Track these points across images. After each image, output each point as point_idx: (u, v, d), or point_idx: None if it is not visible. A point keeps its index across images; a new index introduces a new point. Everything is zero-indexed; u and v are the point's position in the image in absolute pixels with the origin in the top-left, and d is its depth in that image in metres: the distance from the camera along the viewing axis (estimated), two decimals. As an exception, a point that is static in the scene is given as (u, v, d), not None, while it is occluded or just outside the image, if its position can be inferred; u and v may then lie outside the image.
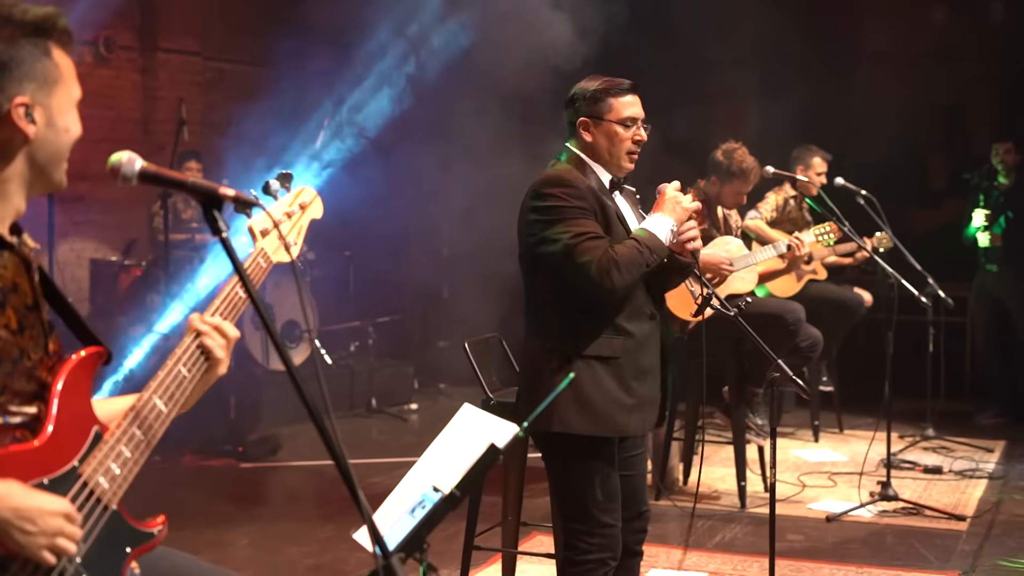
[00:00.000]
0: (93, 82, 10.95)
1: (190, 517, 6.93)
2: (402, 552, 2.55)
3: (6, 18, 2.38)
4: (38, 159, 2.45)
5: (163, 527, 2.62)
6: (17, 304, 2.44)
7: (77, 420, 2.48)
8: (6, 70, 2.37)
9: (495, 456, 2.60)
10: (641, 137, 4.28)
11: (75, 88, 2.51)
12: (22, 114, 2.39)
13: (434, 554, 5.98)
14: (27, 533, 2.26)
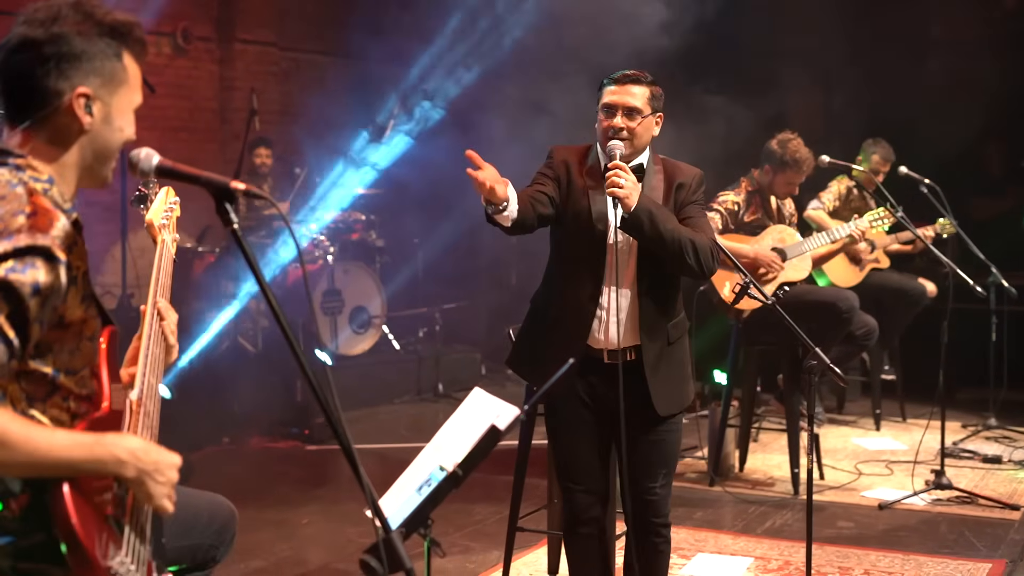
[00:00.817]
0: (171, 73, 11.23)
1: (254, 496, 7.13)
2: (403, 528, 2.68)
3: (88, 15, 2.56)
4: (90, 151, 2.60)
5: None
6: (86, 285, 2.61)
7: (116, 393, 2.72)
8: (77, 61, 2.53)
9: (496, 437, 2.73)
10: (614, 124, 4.38)
11: (137, 95, 2.67)
12: (82, 104, 2.55)
13: (481, 535, 6.17)
14: (159, 483, 2.48)
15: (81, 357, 2.60)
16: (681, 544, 6.15)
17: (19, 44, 2.53)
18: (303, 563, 5.93)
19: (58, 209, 2.47)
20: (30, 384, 2.48)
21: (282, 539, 6.30)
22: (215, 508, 3.26)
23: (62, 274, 2.41)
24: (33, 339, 2.40)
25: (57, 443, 2.36)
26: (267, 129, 11.21)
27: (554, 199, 4.40)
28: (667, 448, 4.56)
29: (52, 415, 2.52)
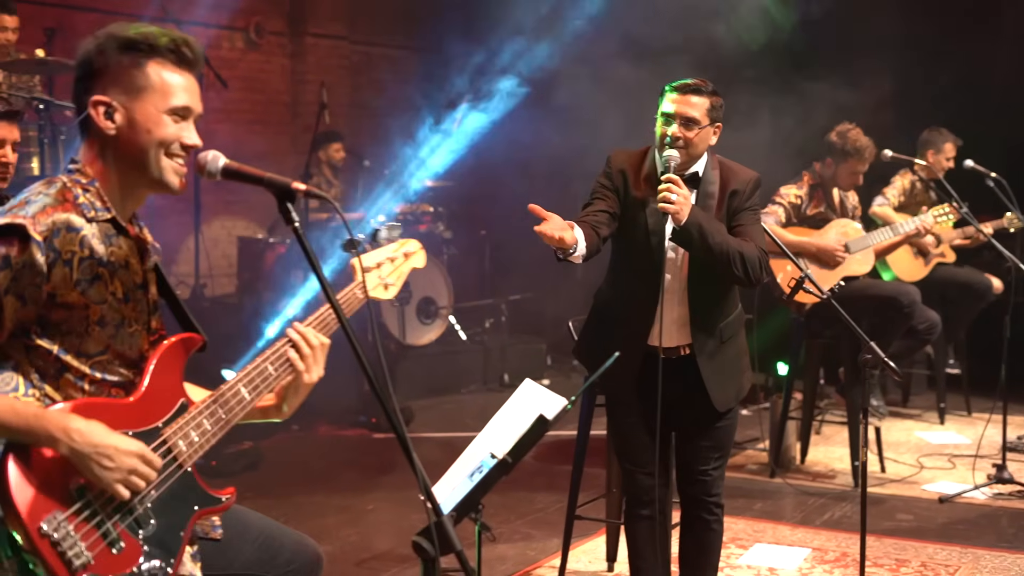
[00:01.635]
0: (244, 67, 11.44)
1: (322, 483, 7.32)
2: (455, 512, 2.81)
3: (109, 34, 2.82)
4: (126, 155, 2.84)
5: (232, 497, 3.00)
6: (126, 279, 2.85)
7: (167, 390, 2.88)
8: (97, 76, 2.82)
9: (544, 426, 2.85)
10: (672, 133, 4.48)
11: (171, 99, 2.84)
12: (101, 112, 2.81)
13: (541, 523, 6.28)
14: (105, 468, 2.63)
15: (93, 342, 2.80)
16: (739, 535, 6.24)
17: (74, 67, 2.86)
18: (369, 548, 6.08)
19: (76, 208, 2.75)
20: (38, 360, 2.75)
21: (348, 524, 6.46)
22: (300, 549, 3.31)
23: (36, 253, 2.65)
24: (8, 311, 2.66)
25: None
26: (337, 122, 11.38)
27: (614, 213, 4.57)
28: (721, 436, 4.72)
29: (65, 394, 2.77)
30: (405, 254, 3.48)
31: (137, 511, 2.73)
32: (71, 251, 2.71)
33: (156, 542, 2.76)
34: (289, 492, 7.02)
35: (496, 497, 6.73)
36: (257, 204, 11.13)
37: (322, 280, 2.67)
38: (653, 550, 4.80)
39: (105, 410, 2.75)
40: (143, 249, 2.95)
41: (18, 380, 2.73)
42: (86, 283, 2.75)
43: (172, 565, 2.79)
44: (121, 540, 2.69)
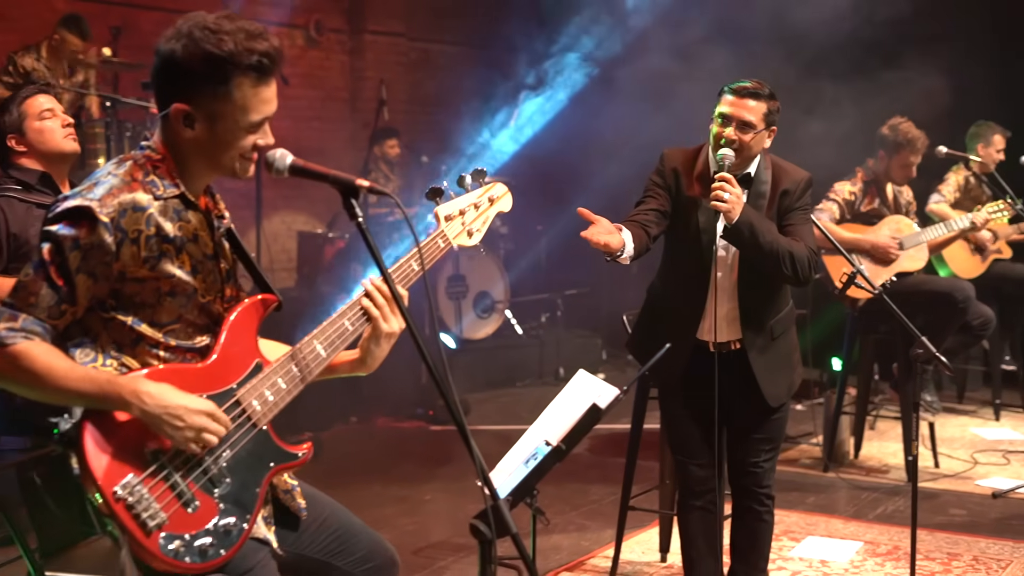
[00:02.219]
0: (304, 64, 11.59)
1: (379, 473, 7.45)
2: (511, 497, 2.91)
3: (196, 41, 2.85)
4: (200, 155, 2.95)
5: (308, 451, 3.08)
6: (195, 252, 2.96)
7: (241, 351, 2.98)
8: (181, 79, 2.87)
9: (596, 415, 2.95)
10: (727, 135, 4.55)
11: (253, 114, 2.91)
12: (180, 118, 2.89)
13: (596, 515, 6.37)
14: (176, 428, 2.75)
15: (166, 312, 2.91)
16: (792, 527, 6.30)
17: (155, 51, 2.91)
18: (425, 537, 6.19)
19: (144, 186, 2.87)
20: (114, 332, 2.88)
21: (405, 514, 6.57)
22: (376, 548, 3.37)
23: (104, 234, 2.77)
24: (81, 288, 2.79)
25: (72, 376, 2.75)
26: (395, 118, 11.50)
27: (665, 212, 4.67)
28: (772, 428, 4.80)
29: (142, 362, 2.90)
30: (490, 199, 3.46)
31: (212, 471, 2.85)
32: (138, 230, 2.83)
33: (232, 500, 2.87)
34: (347, 482, 7.15)
35: (551, 488, 6.86)
36: (317, 199, 11.28)
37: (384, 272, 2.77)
38: (705, 541, 4.89)
39: (179, 376, 2.86)
40: (212, 221, 3.05)
41: (96, 352, 2.87)
42: (154, 259, 2.86)
43: (247, 521, 2.89)
44: (196, 499, 2.81)
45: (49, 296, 2.77)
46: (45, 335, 2.78)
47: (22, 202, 4.66)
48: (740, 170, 4.61)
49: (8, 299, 2.79)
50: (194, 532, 2.80)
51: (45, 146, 4.76)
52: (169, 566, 2.76)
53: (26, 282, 2.79)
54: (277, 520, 3.13)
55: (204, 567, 2.80)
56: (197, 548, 2.79)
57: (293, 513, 3.19)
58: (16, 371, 2.75)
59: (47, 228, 2.80)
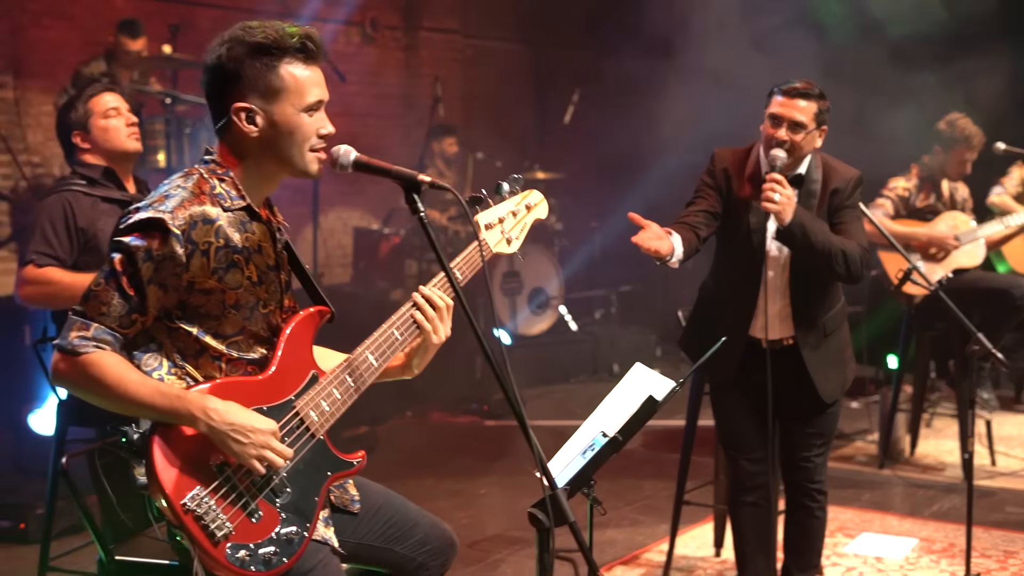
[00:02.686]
0: (360, 61, 11.66)
1: (434, 468, 7.51)
2: (568, 486, 2.95)
3: (239, 40, 2.96)
4: (269, 153, 3.02)
5: (362, 460, 3.16)
6: (259, 263, 3.04)
7: (298, 363, 3.06)
8: (232, 82, 2.97)
9: (653, 406, 2.99)
10: (778, 136, 4.57)
11: (306, 96, 3.00)
12: (243, 118, 2.97)
13: (650, 510, 6.39)
14: (241, 444, 2.82)
15: (230, 324, 2.99)
16: (847, 524, 6.30)
17: (203, 70, 3.01)
18: (480, 530, 6.24)
19: (212, 199, 2.93)
20: (178, 341, 2.96)
21: (460, 508, 6.63)
22: (434, 531, 3.44)
23: (175, 245, 2.84)
24: (152, 298, 2.86)
25: (144, 389, 2.82)
26: (450, 115, 11.55)
27: (716, 213, 4.71)
28: (825, 424, 4.84)
29: (205, 372, 2.97)
30: (527, 206, 3.55)
31: (274, 481, 2.92)
32: (208, 241, 2.90)
33: (292, 508, 2.94)
34: (403, 476, 7.21)
35: (605, 484, 6.85)
36: (373, 195, 11.35)
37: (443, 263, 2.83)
38: (757, 536, 4.91)
39: (240, 388, 2.94)
40: (274, 233, 3.11)
41: (161, 359, 2.94)
42: (223, 270, 2.93)
43: (308, 529, 2.97)
44: (260, 510, 2.88)
45: (120, 306, 2.84)
46: (115, 344, 2.85)
47: (87, 195, 4.75)
48: (791, 170, 4.64)
49: (79, 307, 2.87)
50: (259, 541, 2.88)
51: (109, 144, 4.85)
52: (236, 574, 2.83)
53: (97, 291, 2.86)
54: (334, 511, 3.20)
55: (269, 575, 2.87)
56: (262, 557, 2.87)
57: (347, 505, 3.25)
58: (86, 380, 2.82)
59: (118, 238, 2.87)
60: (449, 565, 3.50)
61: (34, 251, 4.63)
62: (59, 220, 4.66)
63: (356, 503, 3.28)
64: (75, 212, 4.68)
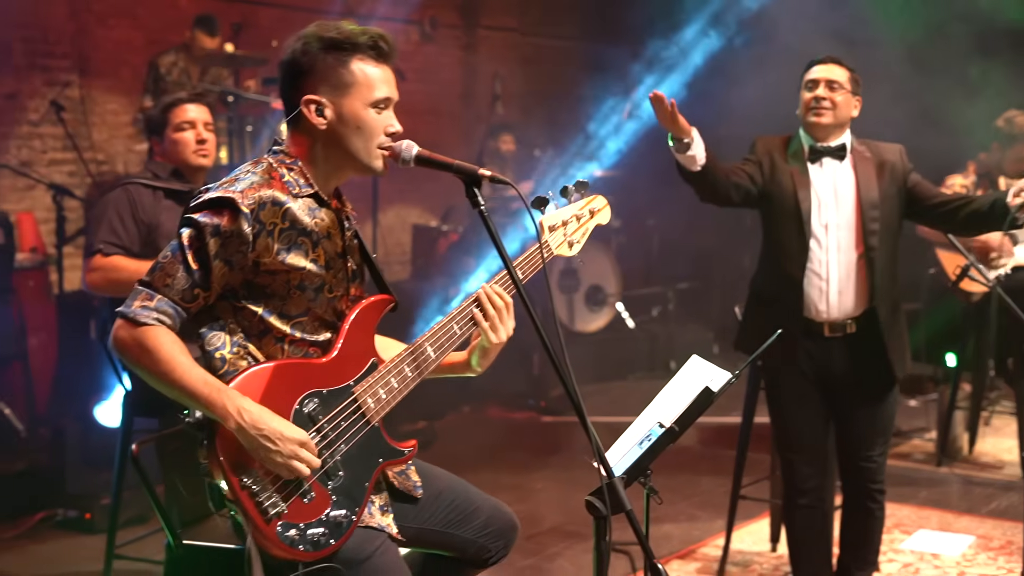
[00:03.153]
0: (419, 59, 11.75)
1: (491, 462, 7.58)
2: (625, 475, 3.00)
3: (314, 36, 3.06)
4: (337, 147, 3.10)
5: (413, 449, 3.22)
6: (328, 248, 3.10)
7: (359, 350, 3.13)
8: (305, 75, 3.07)
9: (709, 397, 3.04)
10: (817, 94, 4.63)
11: (375, 92, 3.08)
12: (312, 110, 3.06)
13: (707, 505, 6.42)
14: (268, 450, 2.86)
15: (294, 305, 3.05)
16: (903, 520, 6.30)
17: (279, 67, 3.13)
18: (536, 524, 6.29)
19: (280, 185, 3.01)
20: (243, 320, 3.02)
21: (517, 501, 6.67)
22: (495, 514, 3.49)
23: (243, 224, 2.91)
24: (216, 274, 2.93)
25: (190, 375, 2.88)
26: (509, 112, 11.62)
27: (754, 178, 4.71)
28: (886, 419, 4.82)
29: (267, 352, 3.04)
30: (591, 211, 3.59)
31: (328, 464, 2.98)
32: (274, 223, 2.97)
33: (343, 492, 3.00)
34: (460, 469, 7.17)
35: (663, 479, 6.86)
36: (431, 193, 11.44)
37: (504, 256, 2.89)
38: (812, 538, 4.92)
39: (300, 370, 3.00)
40: (342, 222, 3.18)
41: (225, 338, 3.01)
42: (287, 252, 3.00)
43: (356, 513, 3.02)
44: (312, 491, 2.94)
45: (184, 279, 2.91)
46: (176, 317, 2.92)
47: (147, 187, 4.84)
48: (833, 137, 4.67)
49: (145, 278, 2.95)
50: (309, 521, 2.93)
51: (176, 156, 4.93)
52: (285, 552, 2.89)
53: (163, 263, 2.93)
54: (395, 498, 3.25)
55: (316, 555, 2.93)
56: (311, 537, 2.92)
57: (410, 491, 3.31)
58: (141, 351, 2.89)
59: (188, 215, 2.94)
60: (511, 547, 3.55)
61: (101, 240, 4.74)
62: (125, 210, 4.77)
63: (418, 488, 3.32)
64: (137, 205, 4.79)
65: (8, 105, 8.64)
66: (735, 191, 4.67)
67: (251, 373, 2.94)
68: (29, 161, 8.67)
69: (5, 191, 8.58)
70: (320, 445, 2.96)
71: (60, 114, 8.16)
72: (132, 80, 9.13)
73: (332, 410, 3.02)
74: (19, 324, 7.13)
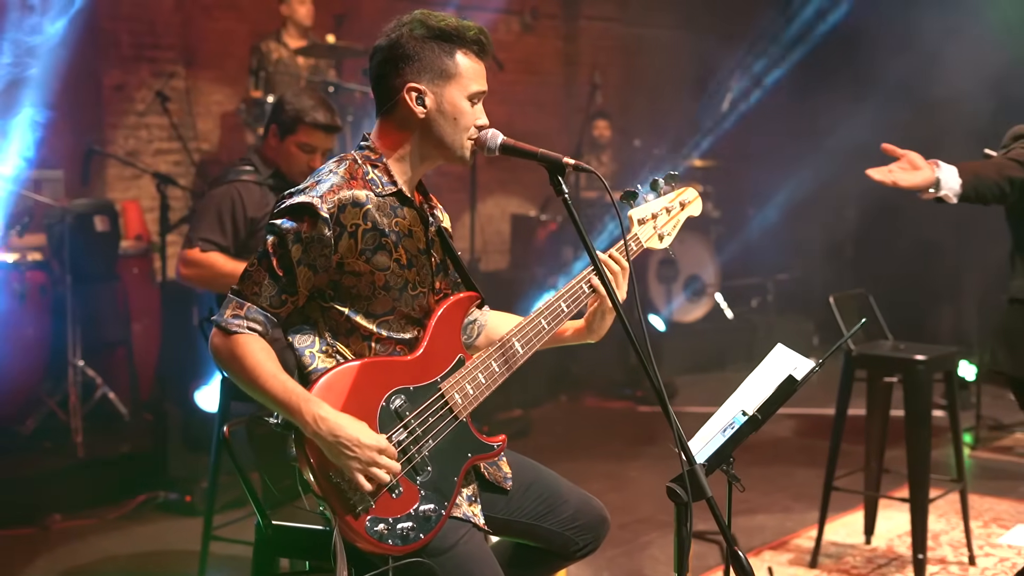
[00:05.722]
0: (520, 50, 11.79)
1: (587, 450, 7.60)
2: (706, 463, 3.00)
3: (421, 22, 3.09)
4: (430, 136, 3.13)
5: (502, 444, 3.24)
6: (409, 246, 3.13)
7: (445, 346, 3.16)
8: (409, 61, 3.09)
9: (792, 386, 3.03)
10: None
11: (474, 85, 3.12)
12: (413, 98, 3.09)
13: (802, 497, 6.38)
14: (347, 457, 2.89)
15: (380, 304, 3.08)
16: (1002, 515, 6.22)
17: (373, 52, 3.14)
18: (631, 512, 6.30)
19: (361, 183, 3.05)
20: (331, 320, 3.08)
21: (612, 490, 6.70)
22: (584, 507, 3.47)
23: (324, 228, 2.95)
24: (301, 279, 2.98)
25: (272, 381, 2.93)
26: (609, 102, 11.59)
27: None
28: None
29: (354, 350, 3.08)
30: (682, 203, 3.60)
31: (415, 459, 3.02)
32: (356, 224, 3.01)
33: (432, 487, 3.03)
34: (555, 458, 7.26)
35: (758, 470, 6.91)
36: (530, 183, 11.47)
37: (587, 244, 2.92)
38: None
39: (387, 367, 3.05)
40: (425, 218, 3.21)
41: (314, 337, 3.07)
42: (370, 252, 3.04)
43: (445, 508, 3.05)
44: (400, 486, 2.97)
45: (271, 286, 2.97)
46: (267, 324, 2.98)
47: (256, 185, 4.90)
48: None
49: (236, 287, 3.02)
50: (397, 516, 2.96)
51: (285, 166, 4.91)
52: (374, 547, 2.93)
53: (251, 271, 3.00)
54: (485, 489, 3.28)
55: (405, 549, 2.96)
56: (399, 532, 2.96)
57: (500, 482, 3.34)
58: (232, 358, 2.97)
59: (272, 222, 3.01)
60: (600, 541, 3.54)
61: (200, 237, 4.81)
62: (227, 210, 4.83)
63: (508, 480, 3.34)
64: (244, 203, 4.84)
65: (116, 96, 8.84)
66: (1008, 184, 4.14)
67: (337, 372, 2.98)
68: (136, 151, 8.86)
69: (113, 180, 8.78)
70: (407, 441, 3.00)
71: (165, 104, 8.32)
72: (237, 71, 9.29)
73: (419, 406, 3.05)
74: (124, 310, 7.29)
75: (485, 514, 3.21)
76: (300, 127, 4.83)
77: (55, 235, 6.88)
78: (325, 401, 2.92)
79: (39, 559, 5.70)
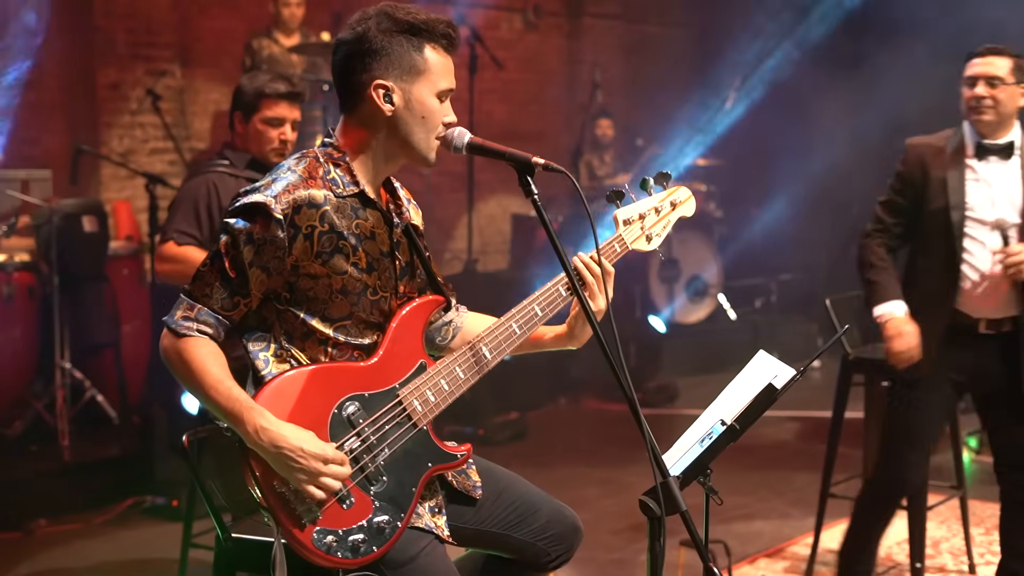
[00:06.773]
0: (522, 47, 11.69)
1: (585, 454, 7.53)
2: (681, 475, 2.89)
3: (388, 15, 2.95)
4: (396, 135, 2.99)
5: (467, 453, 3.11)
6: (371, 249, 3.00)
7: (405, 351, 3.03)
8: (376, 56, 2.94)
9: (772, 395, 2.91)
10: (976, 94, 4.43)
11: (443, 81, 2.99)
12: (380, 95, 2.95)
13: (800, 503, 6.26)
14: (292, 468, 2.79)
15: (336, 308, 2.96)
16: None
17: (336, 45, 3.01)
18: (626, 518, 6.18)
19: (320, 182, 2.91)
20: (286, 323, 2.95)
21: (608, 495, 6.60)
22: (556, 516, 3.36)
23: (276, 230, 2.83)
24: (254, 281, 2.87)
25: (219, 387, 2.83)
26: (611, 101, 11.50)
27: (907, 210, 4.63)
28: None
29: (309, 355, 2.96)
30: (673, 203, 3.45)
31: (369, 468, 2.89)
32: (311, 226, 2.88)
33: (387, 498, 2.91)
34: (553, 462, 7.21)
35: (756, 476, 6.80)
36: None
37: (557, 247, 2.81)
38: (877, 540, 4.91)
39: (343, 373, 2.92)
40: (391, 218, 3.08)
41: (268, 341, 2.95)
42: (327, 255, 2.91)
43: (401, 519, 2.92)
44: (351, 496, 2.86)
45: (223, 288, 2.86)
46: (218, 327, 2.88)
47: (231, 176, 4.79)
48: (999, 135, 4.47)
49: (188, 287, 2.90)
50: (348, 527, 2.85)
51: (257, 148, 4.81)
52: (322, 559, 2.82)
53: (204, 272, 2.88)
54: (453, 498, 3.16)
55: (356, 563, 2.85)
56: (350, 543, 2.85)
57: (469, 491, 3.22)
58: (179, 361, 2.87)
59: (226, 220, 2.89)
60: (573, 551, 3.41)
61: (175, 229, 4.70)
62: (202, 201, 4.72)
63: (478, 489, 3.22)
64: (220, 193, 4.73)
65: (111, 95, 8.75)
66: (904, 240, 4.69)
67: (285, 378, 2.87)
68: (131, 150, 8.77)
69: (107, 180, 8.69)
70: (360, 449, 2.89)
71: (156, 103, 8.23)
72: (232, 70, 9.19)
73: (375, 413, 2.93)
74: (112, 312, 7.19)
75: (453, 524, 3.10)
76: (262, 101, 4.76)
77: (43, 235, 6.79)
78: (272, 408, 2.81)
79: (21, 565, 5.62)
